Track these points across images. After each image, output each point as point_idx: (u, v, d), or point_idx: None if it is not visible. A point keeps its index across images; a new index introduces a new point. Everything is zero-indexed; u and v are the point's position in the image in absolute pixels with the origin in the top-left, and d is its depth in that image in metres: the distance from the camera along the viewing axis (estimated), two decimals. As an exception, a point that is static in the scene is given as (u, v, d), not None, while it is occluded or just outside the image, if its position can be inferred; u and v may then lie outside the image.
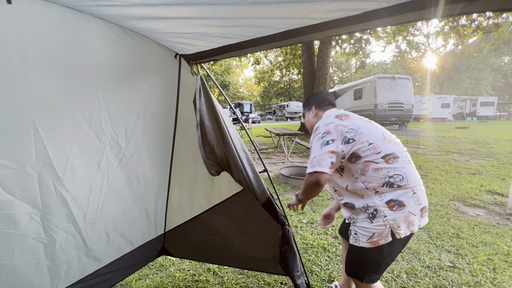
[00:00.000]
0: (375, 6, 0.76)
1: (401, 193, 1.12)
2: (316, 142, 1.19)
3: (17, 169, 1.02)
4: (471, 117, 25.25)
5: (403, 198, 1.12)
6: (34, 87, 0.98)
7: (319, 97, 1.49)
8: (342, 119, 1.23)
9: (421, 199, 1.16)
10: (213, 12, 0.88)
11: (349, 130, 1.18)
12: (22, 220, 1.08)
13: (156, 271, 2.05)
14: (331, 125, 1.20)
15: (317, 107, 1.46)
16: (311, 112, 1.50)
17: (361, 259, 1.24)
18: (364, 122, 1.23)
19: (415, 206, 1.13)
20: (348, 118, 1.24)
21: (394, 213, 1.11)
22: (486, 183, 4.16)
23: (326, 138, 1.17)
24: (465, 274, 1.96)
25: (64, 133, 1.12)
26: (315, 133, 1.23)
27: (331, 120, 1.23)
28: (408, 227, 1.14)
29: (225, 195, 1.71)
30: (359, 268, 1.24)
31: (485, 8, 0.72)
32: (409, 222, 1.13)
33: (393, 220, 1.11)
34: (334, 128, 1.18)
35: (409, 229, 1.14)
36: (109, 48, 1.15)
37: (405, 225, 1.13)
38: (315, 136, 1.22)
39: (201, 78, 1.37)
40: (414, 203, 1.13)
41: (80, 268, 1.39)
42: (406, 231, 1.14)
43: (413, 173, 1.17)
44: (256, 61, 13.51)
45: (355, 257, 1.26)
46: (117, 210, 1.47)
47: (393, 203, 1.11)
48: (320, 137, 1.19)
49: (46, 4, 0.92)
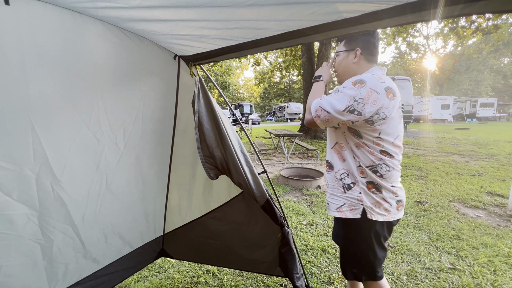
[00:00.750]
0: (374, 8, 0.76)
1: (380, 181, 1.11)
2: (346, 98, 0.99)
3: (14, 171, 1.01)
4: (471, 118, 25.26)
5: (382, 186, 1.11)
6: (32, 89, 0.98)
7: (371, 40, 1.14)
8: (389, 96, 1.01)
9: (399, 193, 1.15)
10: (211, 15, 0.88)
11: (386, 111, 1.02)
12: (19, 221, 1.08)
13: (155, 273, 2.04)
14: (376, 98, 0.98)
15: (363, 52, 1.15)
16: (352, 54, 1.16)
17: (343, 254, 1.24)
18: (397, 113, 1.09)
19: (392, 197, 1.12)
20: (394, 98, 1.04)
21: (370, 194, 1.11)
22: (486, 185, 4.15)
23: (358, 107, 0.98)
24: (465, 276, 1.96)
25: (62, 134, 1.12)
26: (355, 85, 1.00)
27: (381, 90, 0.99)
28: (382, 213, 1.11)
29: (223, 199, 1.70)
30: (348, 266, 1.23)
31: (484, 9, 0.72)
32: (384, 208, 1.11)
33: (366, 200, 1.11)
34: (374, 104, 0.99)
35: (383, 216, 1.11)
36: (108, 49, 1.15)
37: (379, 210, 1.11)
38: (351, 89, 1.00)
39: (200, 79, 1.36)
40: (391, 194, 1.12)
41: (78, 269, 1.38)
42: (379, 216, 1.11)
43: (397, 176, 1.16)
44: (256, 62, 13.54)
45: (342, 253, 1.26)
46: (115, 211, 1.47)
47: (372, 186, 1.11)
48: (354, 98, 0.98)
49: (44, 6, 0.92)
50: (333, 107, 1.00)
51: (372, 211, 1.10)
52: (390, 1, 0.73)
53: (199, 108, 1.30)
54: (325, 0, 0.74)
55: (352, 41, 1.15)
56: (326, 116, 1.02)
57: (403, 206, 1.17)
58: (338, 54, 1.24)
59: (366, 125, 1.04)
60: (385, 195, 1.11)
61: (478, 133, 12.16)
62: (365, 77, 1.01)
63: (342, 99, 0.99)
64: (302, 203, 3.44)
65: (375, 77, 1.01)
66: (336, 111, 1.00)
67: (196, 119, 1.29)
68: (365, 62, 1.15)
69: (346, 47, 1.18)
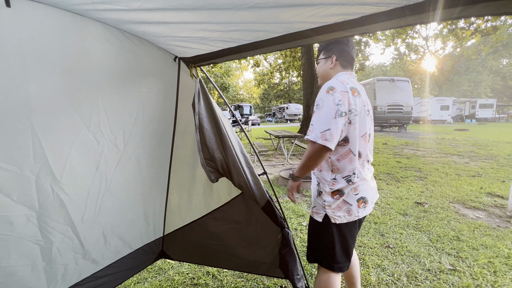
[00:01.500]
0: (374, 10, 0.76)
1: (346, 185, 1.18)
2: (330, 105, 1.06)
3: (14, 172, 1.01)
4: (470, 119, 25.30)
5: (344, 189, 1.18)
6: (33, 90, 0.98)
7: (345, 48, 1.28)
8: (355, 94, 1.12)
9: (359, 189, 1.20)
10: (212, 17, 0.88)
11: (354, 110, 1.10)
12: (18, 222, 1.08)
13: (154, 274, 2.04)
14: (347, 96, 1.09)
15: (338, 58, 1.29)
16: (329, 61, 1.31)
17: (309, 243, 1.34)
18: (362, 107, 1.16)
19: (352, 197, 1.19)
20: (359, 96, 1.14)
21: (334, 200, 1.19)
22: (486, 185, 4.16)
23: (342, 108, 1.07)
24: (465, 277, 1.95)
25: (62, 135, 1.12)
26: (329, 92, 1.10)
27: (346, 89, 1.11)
28: (344, 215, 1.20)
29: (223, 200, 1.70)
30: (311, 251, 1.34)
31: (483, 12, 0.72)
32: (345, 210, 1.19)
33: (328, 206, 1.19)
34: (347, 101, 1.09)
35: (345, 218, 1.20)
36: (108, 51, 1.15)
37: (340, 212, 1.19)
38: (328, 96, 1.09)
39: (200, 81, 1.37)
40: (351, 193, 1.19)
41: (78, 270, 1.38)
42: (341, 219, 1.20)
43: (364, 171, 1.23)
44: (256, 63, 13.56)
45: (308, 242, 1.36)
46: (115, 212, 1.47)
47: (336, 192, 1.19)
48: (335, 103, 1.06)
49: (45, 8, 0.92)
50: (326, 121, 1.07)
51: (334, 215, 1.20)
52: (389, 3, 0.73)
53: (200, 110, 1.31)
54: (325, 3, 0.75)
55: (329, 50, 1.31)
56: (330, 133, 1.06)
57: (366, 203, 1.23)
58: (318, 61, 1.38)
59: (350, 126, 1.13)
60: (346, 197, 1.19)
61: (477, 134, 12.18)
62: (333, 83, 1.13)
63: (327, 109, 1.07)
64: (302, 204, 3.43)
65: (339, 81, 1.14)
66: (331, 122, 1.06)
67: (196, 120, 1.29)
68: (340, 68, 1.29)
69: (324, 55, 1.33)
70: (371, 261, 2.16)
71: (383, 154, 7.03)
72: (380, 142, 9.41)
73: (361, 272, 2.02)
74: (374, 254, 2.27)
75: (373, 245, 2.42)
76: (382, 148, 8.10)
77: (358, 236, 2.59)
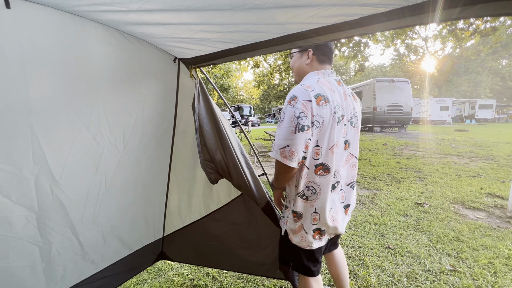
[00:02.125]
0: (373, 11, 0.77)
1: (303, 208, 1.10)
2: (290, 118, 0.96)
3: (14, 173, 1.01)
4: (470, 120, 25.32)
5: (303, 214, 1.11)
6: (32, 91, 0.98)
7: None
8: (320, 103, 0.98)
9: (318, 221, 1.09)
10: (211, 18, 0.88)
11: (316, 122, 0.98)
12: (18, 223, 1.08)
13: (154, 275, 2.03)
14: (310, 105, 0.96)
15: (315, 52, 1.14)
16: (305, 55, 1.15)
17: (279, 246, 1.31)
18: (330, 117, 1.01)
19: (309, 226, 1.10)
20: (326, 105, 0.99)
21: (292, 219, 1.14)
22: (486, 186, 4.15)
23: (303, 122, 0.95)
24: (466, 278, 1.95)
25: (62, 136, 1.12)
26: (291, 102, 0.98)
27: (310, 97, 0.97)
28: (298, 240, 1.14)
29: (223, 201, 1.70)
30: (280, 253, 1.30)
31: (482, 12, 0.72)
32: (300, 235, 1.13)
33: (289, 223, 1.16)
34: (310, 112, 0.96)
35: (299, 242, 1.13)
36: (108, 52, 1.15)
37: (295, 236, 1.15)
38: (289, 108, 0.97)
39: (200, 82, 1.37)
40: (309, 221, 1.09)
41: (77, 271, 1.37)
42: (295, 240, 1.14)
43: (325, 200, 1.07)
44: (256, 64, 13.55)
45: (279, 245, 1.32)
46: (114, 213, 1.46)
47: (295, 214, 1.13)
48: (296, 115, 0.95)
49: (45, 9, 0.92)
50: (285, 137, 0.97)
51: (292, 235, 1.16)
52: (388, 4, 0.73)
53: (199, 111, 1.31)
54: (324, 4, 0.75)
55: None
56: (289, 150, 0.96)
57: (322, 235, 1.12)
58: (292, 55, 1.22)
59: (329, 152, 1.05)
60: (305, 224, 1.11)
61: (477, 135, 12.19)
62: (296, 92, 1.00)
63: (287, 123, 0.97)
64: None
65: (303, 88, 1.00)
66: (290, 138, 0.96)
67: (196, 121, 1.29)
68: (317, 63, 1.15)
69: (300, 48, 1.16)
70: (371, 262, 2.15)
71: (383, 155, 7.03)
72: (380, 143, 9.41)
73: (362, 273, 2.02)
74: (374, 255, 2.27)
75: (373, 246, 2.41)
76: (382, 149, 8.10)
77: (358, 236, 2.59)
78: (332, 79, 1.10)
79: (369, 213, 3.17)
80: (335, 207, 1.13)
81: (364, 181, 4.57)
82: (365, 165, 5.81)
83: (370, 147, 8.54)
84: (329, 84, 1.06)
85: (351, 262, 2.16)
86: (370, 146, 8.64)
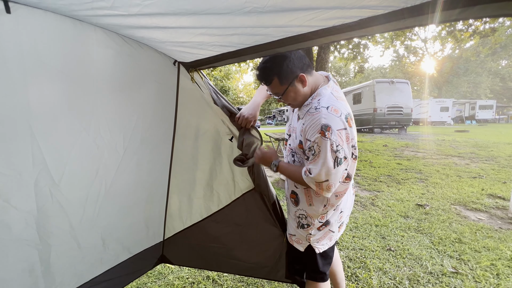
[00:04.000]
0: (372, 14, 0.76)
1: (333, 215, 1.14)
2: (327, 153, 0.91)
3: (13, 176, 1.01)
4: (471, 121, 25.32)
5: (330, 220, 1.14)
6: (32, 95, 0.98)
7: (295, 57, 1.03)
8: (351, 123, 0.96)
9: (343, 217, 1.21)
10: (210, 22, 0.89)
11: (355, 144, 1.01)
12: (17, 226, 1.07)
13: (154, 279, 2.02)
14: (344, 133, 0.93)
15: (305, 71, 1.05)
16: (298, 83, 1.04)
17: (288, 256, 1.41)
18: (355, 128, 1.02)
19: (336, 225, 1.18)
20: (352, 121, 0.99)
21: (319, 231, 1.16)
22: (487, 187, 4.14)
23: (341, 154, 0.92)
24: (468, 280, 1.94)
25: (62, 139, 1.12)
26: (324, 134, 0.91)
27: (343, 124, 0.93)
28: (327, 242, 1.19)
29: (224, 202, 1.69)
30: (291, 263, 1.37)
31: (481, 13, 0.72)
32: (328, 238, 1.19)
33: (314, 237, 1.16)
34: (350, 140, 0.95)
35: (327, 245, 1.20)
36: (108, 56, 1.16)
37: (323, 241, 1.18)
38: (323, 141, 0.91)
39: (206, 81, 1.42)
40: (336, 222, 1.17)
41: (76, 275, 1.36)
42: (323, 247, 1.19)
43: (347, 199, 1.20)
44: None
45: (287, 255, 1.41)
46: (114, 217, 1.46)
47: (323, 224, 1.14)
48: (333, 149, 0.91)
49: (45, 14, 0.93)
50: (326, 173, 0.93)
51: (317, 245, 1.16)
52: (387, 6, 0.73)
53: (223, 103, 1.41)
54: (323, 7, 0.75)
55: (288, 74, 1.03)
56: (327, 184, 0.95)
57: (343, 226, 1.24)
58: (285, 92, 1.07)
59: (353, 161, 1.04)
60: (331, 226, 1.15)
61: (477, 135, 12.18)
62: (327, 120, 0.92)
63: (323, 158, 0.92)
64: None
65: (332, 114, 0.93)
66: (329, 174, 0.93)
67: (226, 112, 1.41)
68: (310, 79, 1.07)
69: (288, 81, 1.04)
70: (372, 264, 2.14)
71: (383, 156, 7.02)
72: (381, 144, 9.40)
73: (363, 275, 2.00)
74: (375, 257, 2.26)
75: (375, 248, 2.40)
76: (382, 150, 8.09)
77: (359, 238, 2.58)
78: (336, 86, 1.10)
79: (370, 214, 3.16)
80: (350, 199, 1.22)
81: (364, 182, 4.56)
82: (366, 166, 5.80)
83: (370, 148, 8.53)
84: (340, 94, 1.03)
85: (352, 265, 2.15)
86: (370, 148, 8.63)
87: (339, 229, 1.20)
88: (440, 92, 34.16)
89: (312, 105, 1.00)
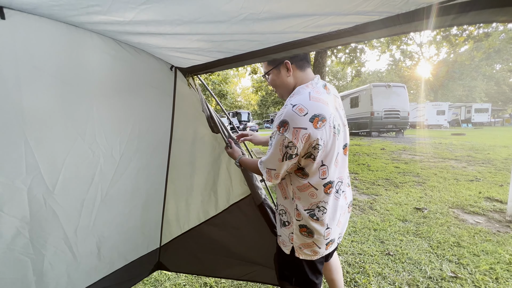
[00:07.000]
0: (367, 20, 0.77)
1: (314, 226, 1.06)
2: (278, 146, 0.95)
3: (5, 183, 1.00)
4: (467, 124, 25.57)
5: (315, 231, 1.07)
6: (26, 101, 0.97)
7: None
8: (317, 125, 0.92)
9: (331, 234, 1.10)
10: (207, 29, 0.89)
11: (318, 145, 0.94)
12: (8, 234, 1.05)
13: (151, 286, 1.99)
14: (301, 134, 0.91)
15: (293, 61, 1.07)
16: (283, 69, 1.07)
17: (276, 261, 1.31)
18: (331, 133, 0.97)
19: (322, 241, 1.08)
20: (324, 124, 0.94)
21: (301, 236, 1.10)
22: (485, 190, 4.15)
23: (291, 151, 0.94)
24: (467, 284, 1.92)
25: (56, 146, 1.10)
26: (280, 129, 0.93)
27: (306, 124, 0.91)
28: (310, 253, 1.11)
29: (221, 207, 1.68)
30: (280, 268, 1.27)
31: (475, 19, 0.73)
32: (312, 250, 1.10)
33: (297, 240, 1.11)
34: (306, 140, 0.92)
35: (310, 256, 1.12)
36: (104, 61, 1.15)
37: (307, 251, 1.11)
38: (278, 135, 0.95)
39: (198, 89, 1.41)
40: (322, 237, 1.07)
41: (70, 284, 1.33)
42: (306, 256, 1.12)
43: (334, 214, 1.08)
44: (253, 70, 13.65)
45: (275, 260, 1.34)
46: (110, 223, 1.44)
47: (305, 229, 1.08)
48: (284, 144, 0.94)
49: (39, 19, 0.92)
50: (272, 161, 1.01)
51: (300, 251, 1.12)
52: (382, 12, 0.74)
53: (211, 113, 1.46)
54: (319, 13, 0.75)
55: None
56: (275, 173, 1.03)
57: (333, 243, 1.14)
58: (269, 73, 1.13)
59: (311, 161, 0.99)
60: (316, 238, 1.08)
61: (474, 138, 12.27)
62: (287, 116, 0.93)
63: (275, 150, 0.98)
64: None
65: (295, 112, 0.92)
66: (277, 164, 1.00)
67: (217, 121, 1.47)
68: (298, 71, 1.08)
69: (274, 64, 1.09)
70: (371, 269, 2.12)
71: (381, 160, 7.04)
72: (378, 147, 9.43)
73: (362, 281, 1.98)
74: (374, 262, 2.24)
75: (373, 252, 2.39)
76: (380, 153, 8.12)
77: (358, 243, 2.56)
78: (320, 88, 1.05)
79: (369, 219, 3.15)
80: (342, 211, 1.14)
81: (363, 186, 4.55)
82: (364, 170, 5.80)
83: (368, 151, 8.56)
84: (320, 96, 1.00)
85: (351, 270, 2.13)
86: (368, 151, 8.66)
87: (327, 247, 1.11)
88: (436, 96, 34.53)
89: (287, 101, 1.03)
